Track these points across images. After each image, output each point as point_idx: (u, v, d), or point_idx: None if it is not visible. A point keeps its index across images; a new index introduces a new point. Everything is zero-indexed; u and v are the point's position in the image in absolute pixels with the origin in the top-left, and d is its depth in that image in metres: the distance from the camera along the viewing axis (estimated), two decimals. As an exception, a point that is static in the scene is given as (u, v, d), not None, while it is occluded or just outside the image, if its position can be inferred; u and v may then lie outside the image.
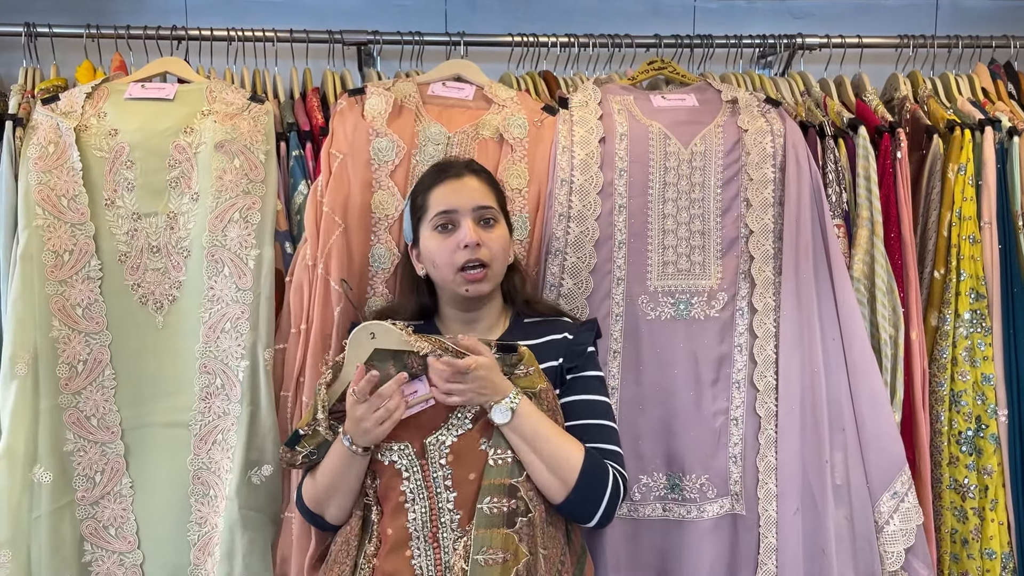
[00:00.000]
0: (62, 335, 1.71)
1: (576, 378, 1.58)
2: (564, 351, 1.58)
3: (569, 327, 1.63)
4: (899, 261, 1.92)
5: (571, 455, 1.48)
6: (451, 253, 1.55)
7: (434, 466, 1.48)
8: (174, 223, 1.77)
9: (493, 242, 1.57)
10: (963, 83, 2.15)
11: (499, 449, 1.47)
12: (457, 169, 1.63)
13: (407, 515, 1.48)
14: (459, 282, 1.55)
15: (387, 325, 1.52)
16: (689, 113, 1.91)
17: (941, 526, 1.93)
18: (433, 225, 1.58)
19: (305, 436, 1.56)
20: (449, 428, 1.49)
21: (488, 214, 1.59)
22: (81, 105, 1.79)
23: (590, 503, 1.49)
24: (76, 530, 1.72)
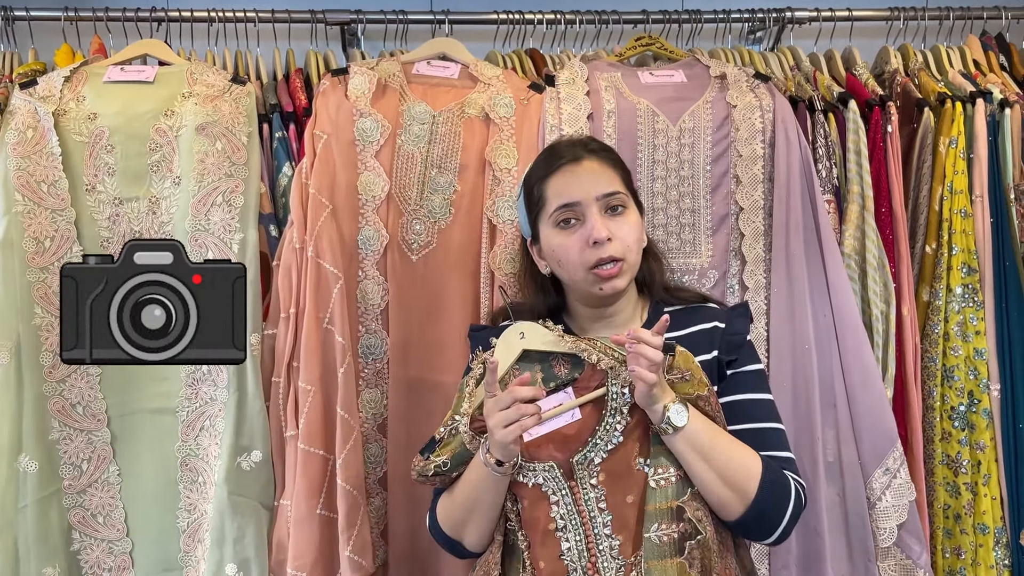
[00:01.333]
0: (45, 323, 1.69)
1: (736, 374, 1.40)
2: (719, 342, 1.40)
3: (719, 314, 1.45)
4: (890, 236, 1.91)
5: (748, 465, 1.30)
6: (579, 252, 1.39)
7: (585, 487, 1.32)
8: (156, 208, 1.74)
9: (625, 232, 1.39)
10: (954, 55, 2.13)
11: (659, 468, 1.30)
12: (574, 152, 1.45)
13: (560, 545, 1.31)
14: (591, 281, 1.39)
15: (537, 325, 1.39)
16: (677, 89, 1.89)
17: (934, 501, 1.93)
18: (554, 221, 1.41)
19: (441, 441, 1.41)
20: (596, 444, 1.32)
21: (615, 200, 1.41)
22: (60, 89, 1.76)
23: (770, 517, 1.31)
24: (64, 519, 1.70)
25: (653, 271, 1.49)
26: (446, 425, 1.42)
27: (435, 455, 1.41)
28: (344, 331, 1.71)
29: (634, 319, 1.47)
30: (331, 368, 1.71)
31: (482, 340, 1.48)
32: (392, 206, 1.79)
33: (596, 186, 1.41)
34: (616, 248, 1.38)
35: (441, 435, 1.42)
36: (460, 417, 1.39)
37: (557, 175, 1.43)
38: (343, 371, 1.69)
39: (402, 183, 1.79)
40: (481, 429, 1.36)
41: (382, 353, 1.78)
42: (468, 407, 1.39)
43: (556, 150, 1.49)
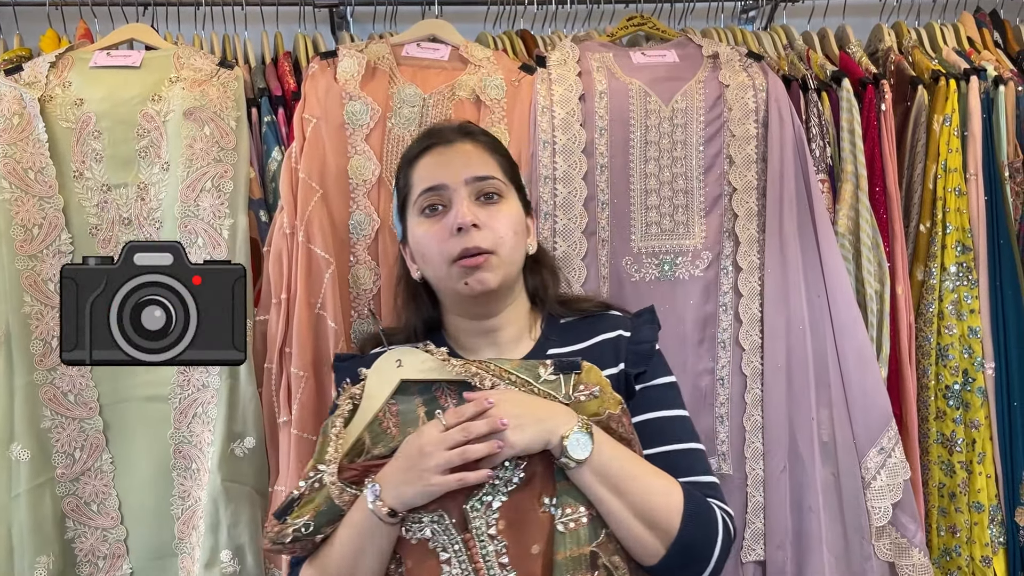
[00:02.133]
0: (35, 311, 1.68)
1: (647, 388, 1.25)
2: (624, 353, 1.25)
3: (623, 321, 1.30)
4: (884, 215, 1.90)
5: (668, 496, 1.13)
6: (441, 241, 1.22)
7: (482, 539, 1.11)
8: (145, 194, 1.73)
9: (497, 221, 1.23)
10: (948, 33, 2.12)
11: (567, 508, 1.11)
12: (446, 134, 1.31)
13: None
14: (455, 275, 1.22)
15: (415, 349, 1.21)
16: (669, 69, 1.87)
17: (928, 480, 1.93)
18: (419, 208, 1.26)
19: (302, 499, 1.17)
20: (494, 485, 1.11)
21: (489, 186, 1.25)
22: (45, 75, 1.74)
23: (697, 556, 1.14)
24: (57, 507, 1.70)
25: (546, 282, 1.32)
26: (307, 479, 1.18)
27: (294, 516, 1.16)
28: (337, 316, 1.70)
29: (524, 338, 1.30)
30: (324, 354, 1.70)
31: (349, 372, 1.27)
32: (383, 190, 1.78)
33: (466, 168, 1.25)
34: (484, 238, 1.21)
35: (301, 490, 1.18)
36: (325, 467, 1.16)
37: (425, 157, 1.29)
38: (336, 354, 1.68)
39: (393, 167, 1.76)
40: (353, 479, 1.15)
41: (375, 338, 1.77)
42: (335, 453, 1.17)
43: (428, 132, 1.35)
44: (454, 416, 1.12)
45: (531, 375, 1.17)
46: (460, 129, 1.33)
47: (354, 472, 1.16)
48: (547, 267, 1.36)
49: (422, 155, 1.30)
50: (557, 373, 1.17)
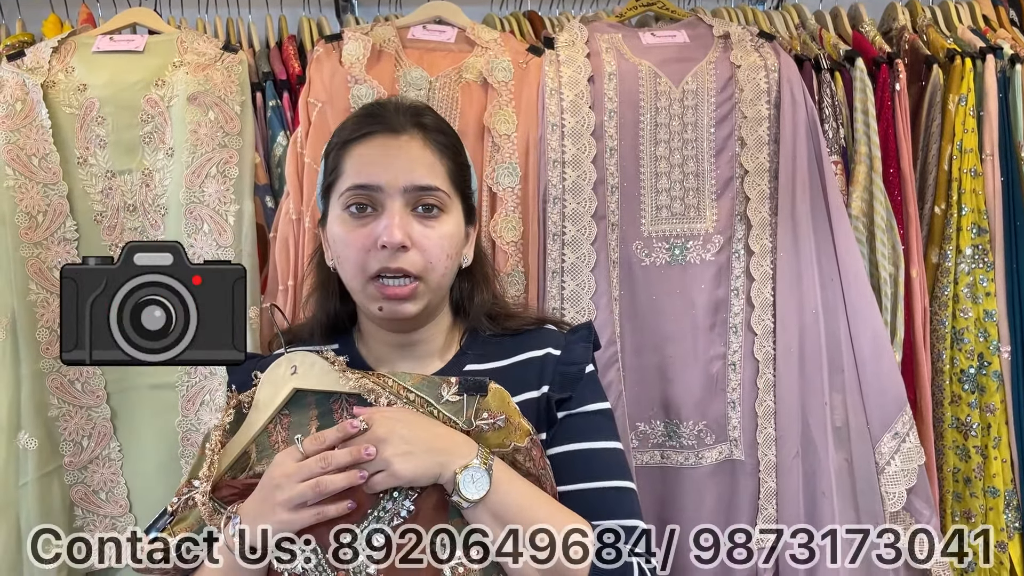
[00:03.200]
0: (40, 299, 1.67)
1: (572, 416, 1.09)
2: (550, 374, 1.10)
3: (553, 337, 1.14)
4: (898, 197, 1.87)
5: (577, 547, 0.98)
6: (362, 251, 1.08)
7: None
8: (149, 180, 1.71)
9: (431, 243, 1.08)
10: (963, 11, 2.08)
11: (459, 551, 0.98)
12: (393, 121, 1.13)
13: None
14: (371, 295, 1.09)
15: (314, 356, 1.09)
16: (680, 50, 1.84)
17: (943, 465, 1.91)
18: (344, 202, 1.11)
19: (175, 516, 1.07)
20: (380, 518, 0.98)
21: (431, 198, 1.09)
22: (48, 60, 1.72)
23: None
24: (65, 495, 1.69)
25: (473, 294, 1.17)
26: (180, 494, 1.08)
27: (167, 532, 1.08)
28: (343, 303, 1.68)
29: (444, 351, 1.16)
30: (331, 340, 1.69)
31: (243, 374, 1.16)
32: (390, 175, 1.75)
33: (408, 173, 1.09)
34: (413, 261, 1.07)
35: (175, 507, 1.08)
36: (199, 483, 1.06)
37: (363, 144, 1.12)
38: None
39: (399, 151, 1.76)
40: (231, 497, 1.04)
41: (382, 325, 1.75)
42: (209, 469, 1.06)
43: (375, 111, 1.16)
44: (313, 443, 0.99)
45: (432, 394, 1.05)
46: (412, 116, 1.14)
47: (234, 490, 1.06)
48: (479, 278, 1.20)
49: (361, 140, 1.12)
50: (460, 394, 1.04)
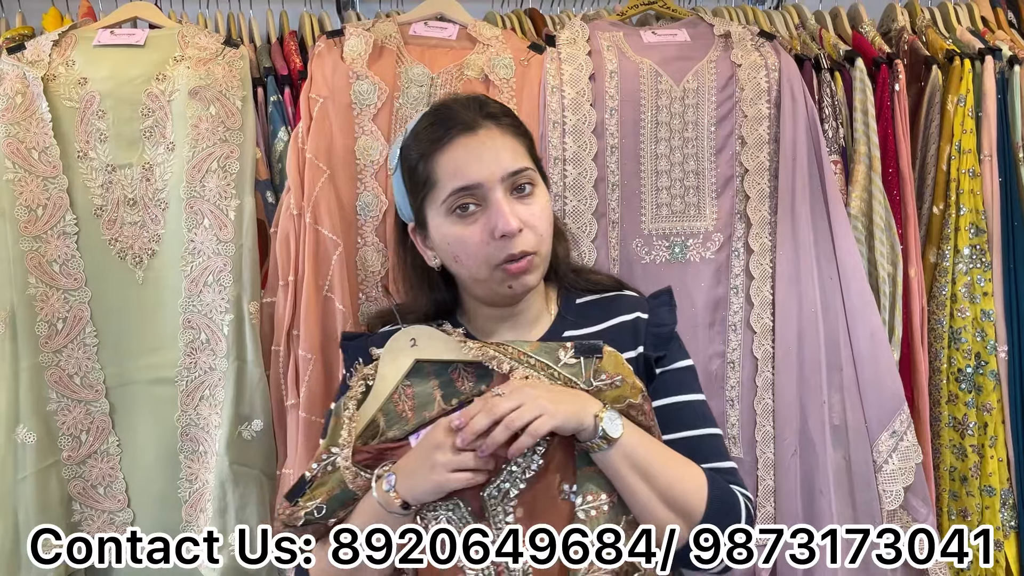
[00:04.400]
0: (39, 292, 1.67)
1: (666, 372, 1.22)
2: (643, 336, 1.21)
3: (638, 303, 1.25)
4: (897, 197, 1.88)
5: (693, 481, 1.12)
6: (483, 245, 1.15)
7: (499, 527, 1.09)
8: (150, 174, 1.71)
9: (537, 219, 1.17)
10: (962, 12, 2.09)
11: (588, 495, 1.08)
12: (468, 118, 1.19)
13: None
14: (499, 279, 1.17)
15: (431, 329, 1.18)
16: (680, 49, 1.85)
17: (940, 464, 1.92)
18: (448, 208, 1.17)
19: (313, 481, 1.15)
20: (512, 472, 1.09)
21: (523, 179, 1.17)
22: (48, 53, 1.72)
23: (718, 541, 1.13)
24: (63, 490, 1.69)
25: (559, 253, 1.27)
26: (319, 460, 1.16)
27: (306, 499, 1.14)
28: (344, 298, 1.68)
29: (543, 315, 1.26)
30: (332, 336, 1.69)
31: (359, 350, 1.25)
32: (391, 171, 1.75)
33: (499, 163, 1.16)
34: (528, 241, 1.16)
35: (313, 472, 1.15)
36: (339, 449, 1.14)
37: (449, 150, 1.17)
38: (342, 338, 1.67)
39: (401, 147, 1.76)
40: (367, 462, 1.13)
41: (383, 321, 1.76)
42: (348, 436, 1.14)
43: (444, 115, 1.21)
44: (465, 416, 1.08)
45: (551, 358, 1.14)
46: (479, 109, 1.21)
47: (367, 455, 1.14)
48: (560, 236, 1.30)
49: (446, 146, 1.18)
50: (578, 357, 1.13)
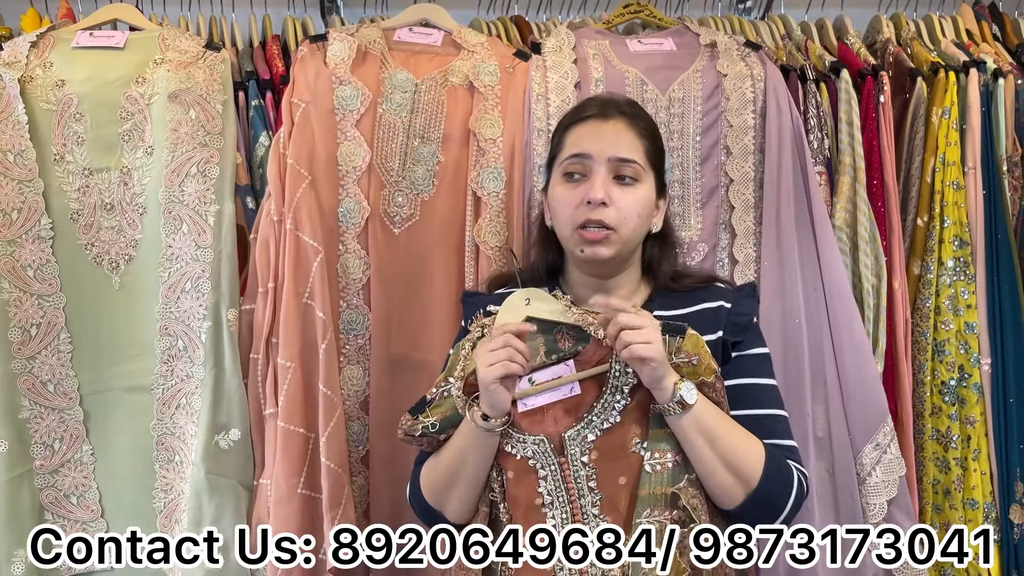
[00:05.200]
0: (13, 297, 1.64)
1: (741, 356, 1.35)
2: (724, 322, 1.36)
3: (725, 293, 1.40)
4: (882, 208, 1.87)
5: (753, 451, 1.27)
6: (573, 207, 1.34)
7: (575, 464, 1.27)
8: (128, 179, 1.68)
9: (626, 203, 1.34)
10: (947, 25, 2.10)
11: (657, 452, 1.25)
12: (608, 108, 1.40)
13: (545, 521, 1.27)
14: (575, 240, 1.35)
15: (544, 293, 1.34)
16: (666, 58, 1.84)
17: (923, 477, 1.91)
18: (563, 170, 1.38)
19: (432, 403, 1.36)
20: (592, 421, 1.28)
21: (627, 169, 1.35)
22: (26, 55, 1.70)
23: (772, 506, 1.28)
24: (35, 499, 1.66)
25: (661, 257, 1.43)
26: (438, 387, 1.37)
27: (424, 416, 1.35)
28: (325, 306, 1.66)
29: (632, 299, 1.41)
30: (311, 344, 1.66)
31: (477, 306, 1.44)
32: (373, 177, 1.74)
33: (613, 147, 1.36)
34: (610, 215, 1.33)
35: (432, 396, 1.37)
36: (454, 380, 1.34)
37: (581, 125, 1.39)
38: (324, 347, 1.65)
39: (384, 153, 1.74)
40: (471, 392, 1.31)
41: (364, 329, 1.74)
42: (462, 371, 1.34)
43: (591, 101, 1.46)
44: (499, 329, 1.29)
45: None
46: (621, 106, 1.42)
47: (475, 387, 1.30)
48: (667, 244, 1.46)
49: (580, 122, 1.40)
50: (664, 334, 1.26)
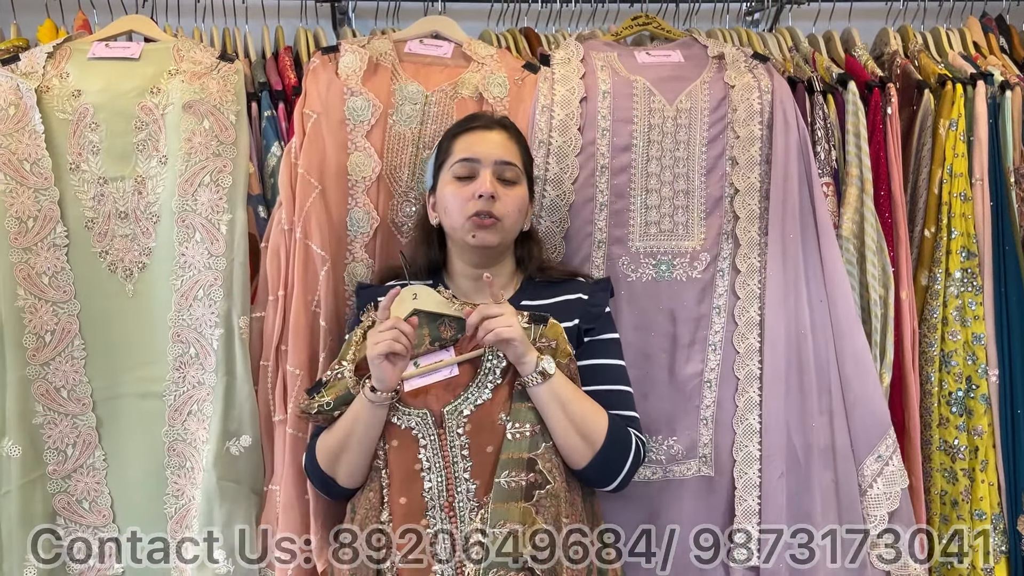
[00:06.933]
0: (28, 304, 1.66)
1: (593, 341, 1.58)
2: (580, 312, 1.58)
3: (583, 287, 1.63)
4: (889, 219, 1.88)
5: (598, 419, 1.49)
6: (464, 201, 1.54)
7: (451, 435, 1.47)
8: (142, 187, 1.71)
9: (509, 199, 1.56)
10: (954, 37, 2.11)
11: (517, 423, 1.46)
12: (487, 121, 1.63)
13: (423, 484, 1.46)
14: (467, 228, 1.54)
15: (430, 289, 1.54)
16: (674, 69, 1.85)
17: (931, 488, 1.91)
18: (453, 173, 1.57)
19: (327, 384, 1.53)
20: (467, 398, 1.48)
21: (509, 172, 1.57)
22: (43, 65, 1.72)
23: (613, 466, 1.50)
24: (48, 504, 1.67)
25: (532, 252, 1.64)
26: (332, 370, 1.54)
27: (320, 396, 1.52)
28: (328, 314, 1.68)
29: (508, 287, 1.62)
30: (319, 352, 1.68)
31: (369, 297, 1.61)
32: (383, 187, 1.76)
33: (497, 152, 1.57)
34: (497, 208, 1.54)
35: (327, 378, 1.54)
36: (347, 363, 1.52)
37: (468, 135, 1.59)
38: (324, 355, 1.67)
39: (393, 164, 1.76)
40: (362, 374, 1.49)
41: (373, 337, 1.75)
42: (354, 356, 1.52)
43: (475, 116, 1.66)
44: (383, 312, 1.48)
45: None
46: (500, 122, 1.64)
47: (366, 369, 1.48)
48: (535, 240, 1.68)
49: (467, 132, 1.60)
50: (530, 323, 1.51)
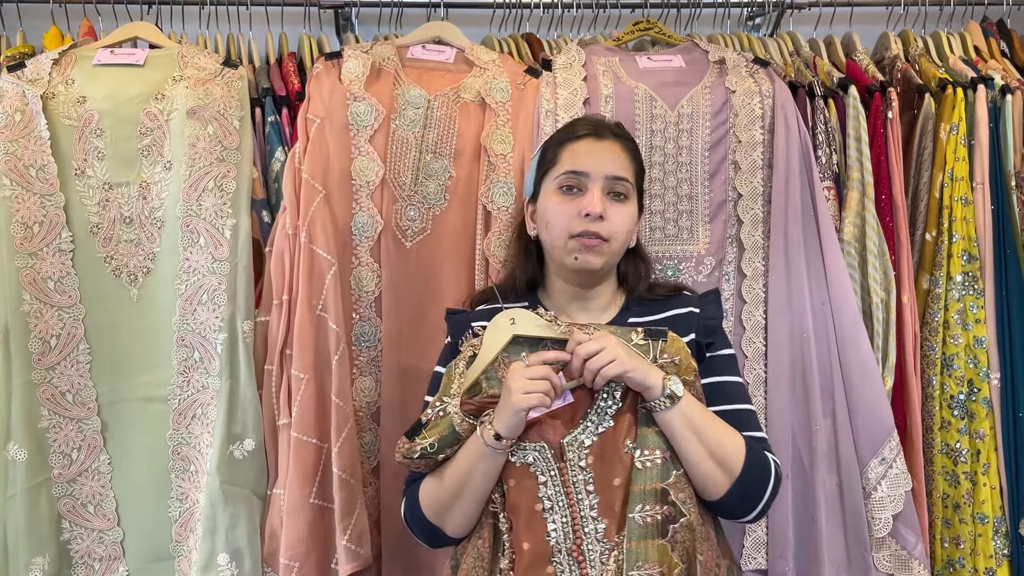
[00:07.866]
0: (33, 309, 1.67)
1: (713, 357, 1.44)
2: (696, 326, 1.44)
3: (691, 300, 1.49)
4: (890, 223, 1.89)
5: (734, 441, 1.33)
6: (569, 218, 1.40)
7: (574, 469, 1.32)
8: (147, 193, 1.72)
9: (619, 218, 1.42)
10: (955, 41, 2.11)
11: (646, 450, 1.31)
12: (601, 129, 1.48)
13: (546, 526, 1.31)
14: (571, 248, 1.40)
15: (527, 312, 1.40)
16: (676, 74, 1.86)
17: (933, 491, 1.91)
18: (558, 184, 1.43)
19: (428, 423, 1.39)
20: (587, 426, 1.33)
21: (621, 187, 1.43)
22: (48, 72, 1.73)
23: (753, 494, 1.34)
24: (53, 508, 1.68)
25: (638, 270, 1.51)
26: (434, 407, 1.40)
27: (421, 437, 1.37)
28: (338, 318, 1.69)
29: (611, 306, 1.49)
30: (324, 356, 1.69)
31: (460, 323, 1.48)
32: (386, 191, 1.77)
33: (609, 165, 1.43)
34: (605, 228, 1.40)
35: (428, 417, 1.40)
36: (450, 399, 1.38)
37: (577, 143, 1.46)
38: (337, 358, 1.67)
39: (396, 168, 1.77)
40: (471, 411, 1.36)
41: (376, 341, 1.76)
42: (458, 389, 1.38)
43: (584, 120, 1.53)
44: (536, 357, 1.33)
45: (624, 338, 1.36)
46: (613, 128, 1.50)
47: (471, 407, 1.36)
48: (641, 258, 1.54)
49: (578, 140, 1.47)
50: (647, 339, 1.36)
